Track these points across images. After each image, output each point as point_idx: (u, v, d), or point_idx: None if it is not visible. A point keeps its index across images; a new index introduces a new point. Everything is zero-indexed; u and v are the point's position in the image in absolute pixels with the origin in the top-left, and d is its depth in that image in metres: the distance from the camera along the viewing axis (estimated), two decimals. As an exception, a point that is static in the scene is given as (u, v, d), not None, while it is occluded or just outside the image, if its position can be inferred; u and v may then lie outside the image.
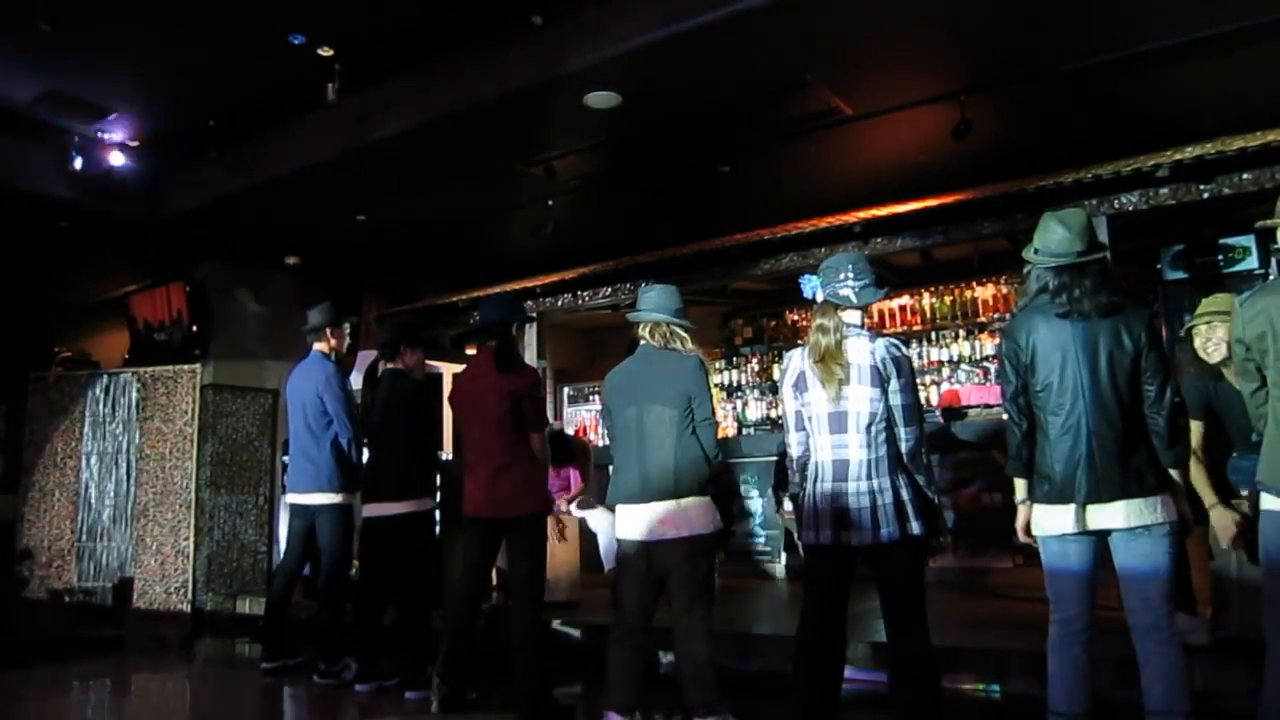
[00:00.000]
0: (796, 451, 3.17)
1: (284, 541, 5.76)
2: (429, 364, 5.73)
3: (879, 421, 2.97)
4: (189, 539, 7.42)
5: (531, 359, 7.73)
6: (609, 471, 3.83)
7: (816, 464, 3.06)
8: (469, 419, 4.24)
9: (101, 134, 6.25)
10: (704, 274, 7.00)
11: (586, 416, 10.56)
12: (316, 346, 5.17)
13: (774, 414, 9.17)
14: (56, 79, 5.56)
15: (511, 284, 7.85)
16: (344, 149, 5.88)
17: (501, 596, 5.47)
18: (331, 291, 5.86)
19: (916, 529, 2.92)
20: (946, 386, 8.31)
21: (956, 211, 5.86)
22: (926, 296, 8.74)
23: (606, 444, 3.88)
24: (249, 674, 5.77)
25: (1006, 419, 3.02)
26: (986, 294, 8.46)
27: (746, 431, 9.24)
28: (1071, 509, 2.77)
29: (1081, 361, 2.79)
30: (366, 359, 5.54)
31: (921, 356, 8.52)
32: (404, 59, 5.43)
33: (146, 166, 6.56)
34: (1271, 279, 5.12)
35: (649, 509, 3.40)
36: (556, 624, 5.09)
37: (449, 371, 6.48)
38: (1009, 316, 7.55)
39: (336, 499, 4.99)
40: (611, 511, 3.65)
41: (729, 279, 7.34)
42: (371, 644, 4.68)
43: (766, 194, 6.95)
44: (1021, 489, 2.96)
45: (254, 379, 8.15)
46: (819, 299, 3.12)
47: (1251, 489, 3.02)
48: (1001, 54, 4.99)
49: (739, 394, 9.58)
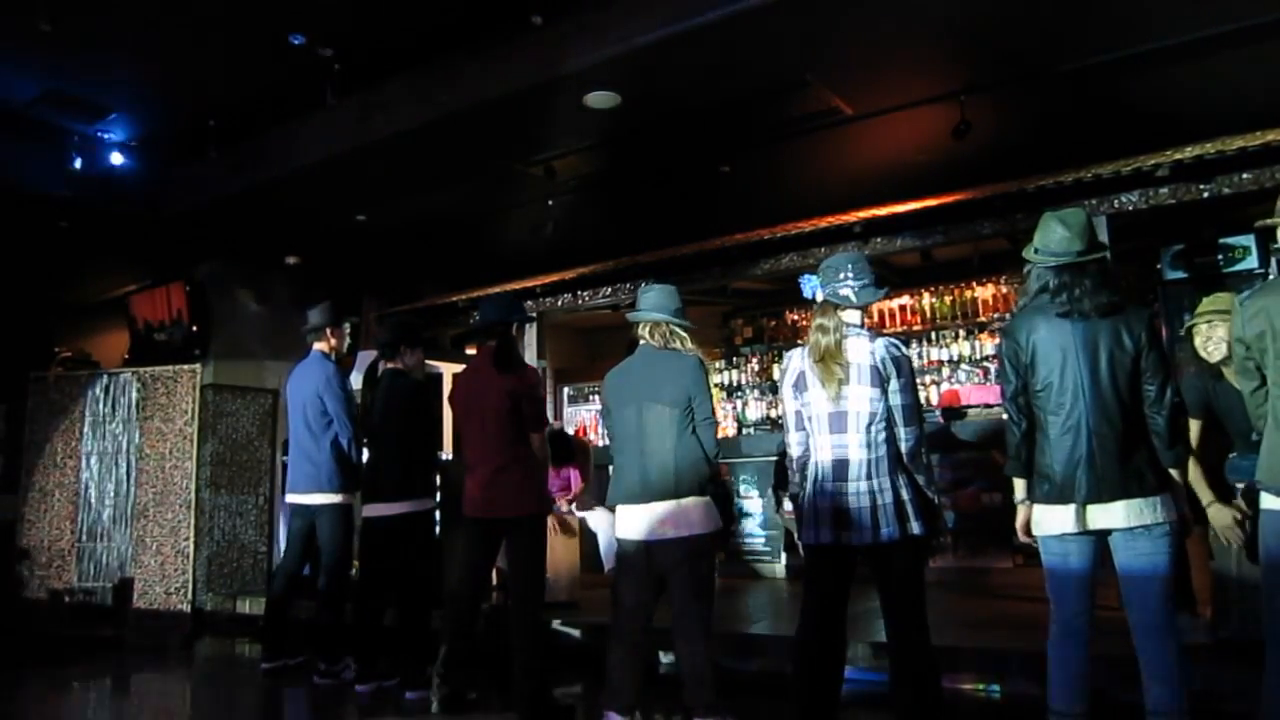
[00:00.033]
0: (796, 451, 3.16)
1: (284, 541, 5.76)
2: (429, 364, 5.72)
3: (879, 421, 2.97)
4: (189, 539, 7.42)
5: (531, 359, 7.73)
6: (609, 471, 3.83)
7: (816, 464, 3.06)
8: (469, 419, 4.23)
9: (101, 134, 6.26)
10: (704, 274, 7.00)
11: (586, 416, 10.56)
12: (316, 346, 5.18)
13: (774, 414, 9.17)
14: (56, 79, 5.56)
15: (511, 284, 7.85)
16: (344, 149, 5.88)
17: (501, 596, 5.47)
18: (331, 291, 5.85)
19: (916, 529, 2.91)
20: (946, 386, 8.31)
21: (956, 211, 5.86)
22: (926, 296, 8.75)
23: (606, 444, 3.87)
24: (249, 674, 5.78)
25: (1006, 419, 3.02)
26: (986, 294, 8.46)
27: (746, 431, 9.24)
28: (1072, 509, 2.77)
29: (1082, 361, 2.79)
30: (366, 359, 5.54)
31: (921, 356, 8.52)
32: (404, 59, 5.43)
33: (146, 166, 6.57)
34: (1271, 278, 5.12)
35: (649, 509, 3.40)
36: (556, 624, 5.09)
37: (449, 371, 6.47)
38: (1009, 316, 7.54)
39: (336, 499, 4.99)
40: (611, 511, 3.65)
41: (729, 279, 7.34)
42: (371, 644, 4.68)
43: (766, 194, 6.95)
44: (1020, 489, 2.96)
45: (254, 379, 8.15)
46: (819, 299, 3.12)
47: (1250, 489, 3.02)
48: (1001, 54, 5.00)
49: (739, 394, 9.58)
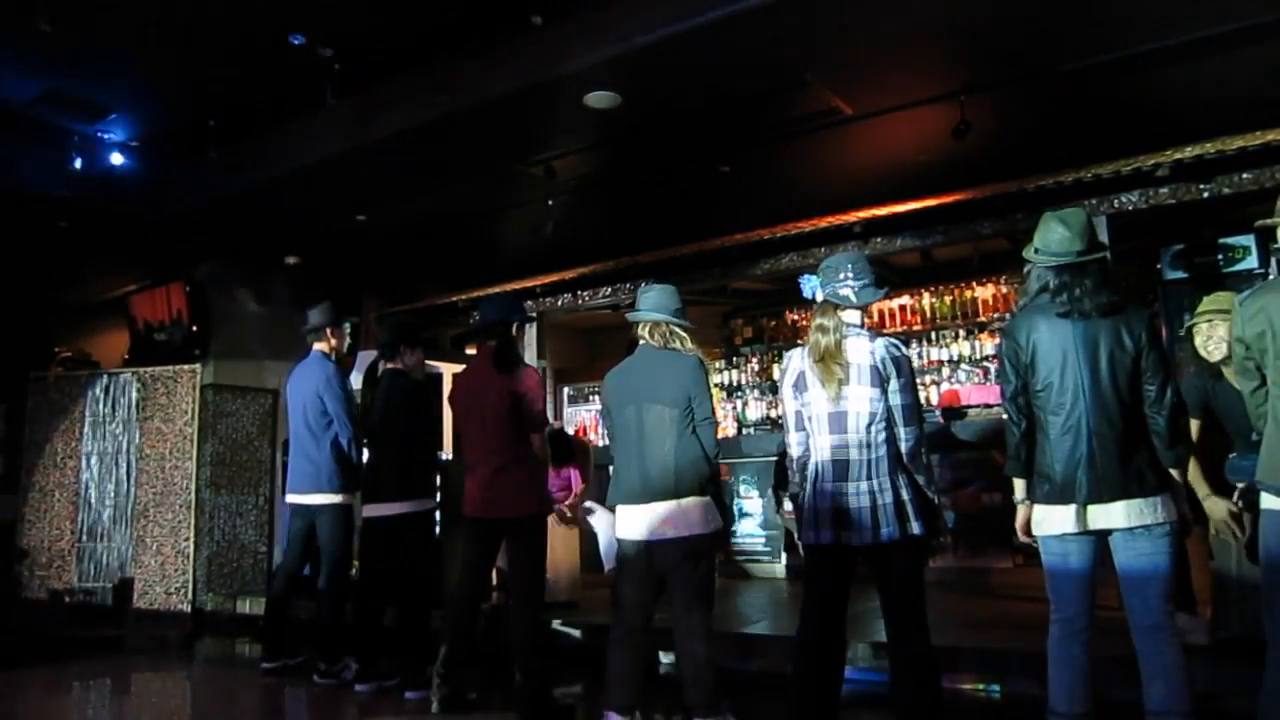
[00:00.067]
0: (796, 451, 3.16)
1: (284, 541, 5.76)
2: (429, 364, 5.72)
3: (879, 421, 2.97)
4: (189, 539, 7.42)
5: (531, 359, 7.72)
6: (609, 471, 3.83)
7: (816, 464, 3.06)
8: (469, 419, 4.23)
9: (101, 134, 6.26)
10: (704, 274, 7.00)
11: (586, 416, 10.56)
12: (316, 346, 5.18)
13: (774, 414, 9.17)
14: (56, 79, 5.56)
15: (511, 284, 7.85)
16: (344, 149, 5.88)
17: (501, 596, 5.47)
18: (331, 291, 5.85)
19: (916, 529, 2.91)
20: (946, 386, 8.31)
21: (956, 211, 5.86)
22: (926, 296, 8.74)
23: (606, 444, 3.88)
24: (249, 674, 5.78)
25: (1006, 419, 3.02)
26: (986, 294, 8.46)
27: (746, 431, 9.24)
28: (1072, 509, 2.77)
29: (1082, 361, 2.79)
30: (366, 359, 5.54)
31: (921, 356, 8.51)
32: (404, 59, 5.43)
33: (146, 166, 6.57)
34: (1271, 278, 5.12)
35: (650, 509, 3.40)
36: (556, 624, 5.09)
37: (449, 371, 6.46)
38: (1009, 316, 7.54)
39: (336, 499, 4.99)
40: (612, 512, 3.65)
41: (729, 279, 7.34)
42: (371, 644, 4.68)
43: (766, 194, 6.94)
44: (1020, 489, 2.96)
45: (254, 379, 8.15)
46: (819, 299, 3.12)
47: (1250, 489, 3.02)
48: (1001, 54, 4.99)
49: (739, 394, 9.58)
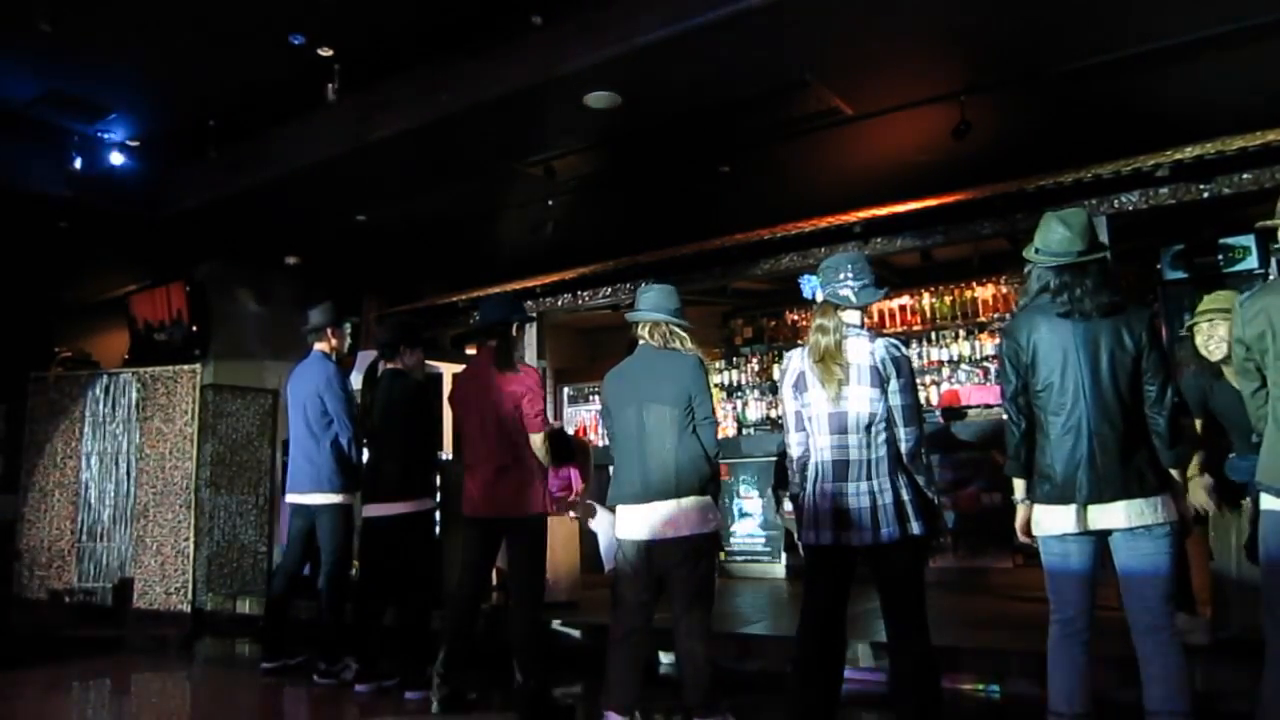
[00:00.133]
0: (796, 452, 3.16)
1: (284, 541, 5.75)
2: (429, 364, 5.72)
3: (879, 422, 2.96)
4: (189, 539, 7.42)
5: (531, 359, 7.74)
6: (609, 471, 3.83)
7: (816, 464, 3.06)
8: (469, 419, 4.23)
9: (101, 134, 6.26)
10: (704, 274, 7.01)
11: (586, 416, 10.56)
12: (317, 346, 5.17)
13: (774, 414, 9.17)
14: (56, 79, 5.56)
15: (511, 284, 7.86)
16: (344, 149, 5.88)
17: (501, 596, 5.47)
18: (331, 291, 5.85)
19: (916, 529, 2.91)
20: (946, 386, 8.31)
21: (956, 211, 5.86)
22: (926, 296, 8.75)
23: (606, 444, 3.88)
24: (249, 674, 5.77)
25: (1006, 419, 3.02)
26: (986, 294, 8.46)
27: (746, 431, 9.24)
28: (1072, 509, 2.76)
29: (1083, 361, 2.79)
30: (366, 359, 5.53)
31: (921, 356, 8.52)
32: (404, 59, 5.44)
33: (146, 166, 6.57)
34: (1271, 278, 5.12)
35: (650, 509, 3.40)
36: (556, 624, 5.09)
37: (449, 371, 6.46)
38: (1009, 316, 7.55)
39: (336, 499, 4.98)
40: (612, 512, 3.65)
41: (729, 279, 7.35)
42: (371, 644, 4.67)
43: (766, 194, 6.94)
44: (1020, 489, 2.96)
45: (254, 379, 8.15)
46: (819, 299, 3.12)
47: (1251, 489, 3.02)
48: (1001, 54, 5.00)
49: (739, 394, 9.58)
